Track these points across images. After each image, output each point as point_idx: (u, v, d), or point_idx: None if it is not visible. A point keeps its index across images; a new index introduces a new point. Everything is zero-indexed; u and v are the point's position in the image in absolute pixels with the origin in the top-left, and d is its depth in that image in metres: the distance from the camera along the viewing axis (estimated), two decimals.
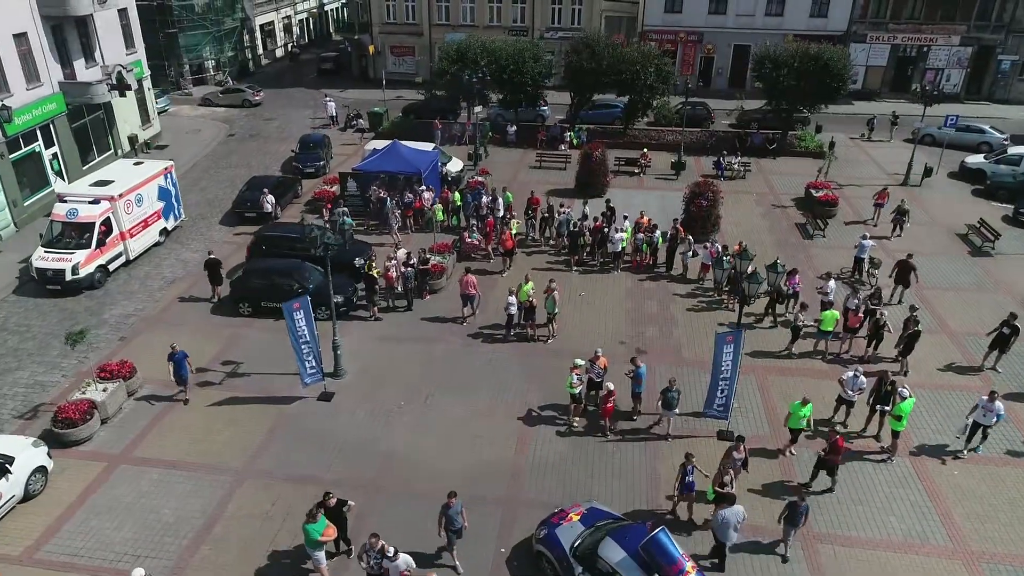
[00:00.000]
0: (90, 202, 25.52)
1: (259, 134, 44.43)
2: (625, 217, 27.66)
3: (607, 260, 27.06)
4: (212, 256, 24.68)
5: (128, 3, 38.38)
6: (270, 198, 30.00)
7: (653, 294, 25.29)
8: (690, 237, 26.10)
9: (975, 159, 36.72)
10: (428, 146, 34.76)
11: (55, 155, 32.80)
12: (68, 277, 24.56)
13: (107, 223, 25.66)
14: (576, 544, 13.76)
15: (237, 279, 23.89)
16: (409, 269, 23.86)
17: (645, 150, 37.62)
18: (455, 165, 35.16)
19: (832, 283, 22.54)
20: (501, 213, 28.33)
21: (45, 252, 25.02)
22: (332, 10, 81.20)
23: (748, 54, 51.31)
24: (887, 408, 17.45)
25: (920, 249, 27.09)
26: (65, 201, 25.75)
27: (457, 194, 30.15)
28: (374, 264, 24.29)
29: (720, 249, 25.08)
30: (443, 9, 54.78)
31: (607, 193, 33.85)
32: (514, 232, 27.56)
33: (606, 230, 26.72)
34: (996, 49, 50.34)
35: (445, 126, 41.88)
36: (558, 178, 36.31)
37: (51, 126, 32.32)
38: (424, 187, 29.89)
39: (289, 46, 70.31)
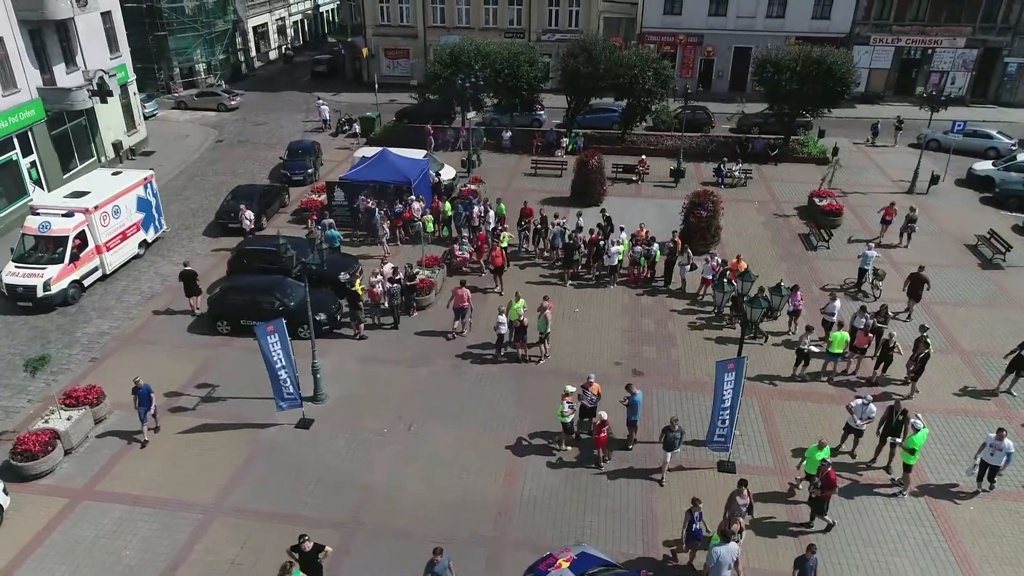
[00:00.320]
0: (63, 215, 24.46)
1: (248, 140, 43.39)
2: (622, 229, 26.60)
3: (603, 274, 26.01)
4: (188, 267, 23.85)
5: (112, 6, 37.37)
6: (248, 213, 28.50)
7: (651, 310, 24.23)
8: (689, 250, 25.03)
9: (983, 166, 35.67)
10: (419, 153, 33.76)
11: (33, 163, 31.76)
12: (40, 293, 23.51)
13: (82, 236, 24.61)
14: None
15: (215, 296, 22.85)
16: (395, 285, 22.80)
17: (643, 156, 36.59)
18: (447, 173, 34.12)
19: (837, 303, 21.53)
20: (492, 225, 27.26)
21: (16, 267, 23.98)
22: (328, 11, 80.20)
23: (749, 57, 50.40)
24: (899, 440, 16.38)
25: (928, 261, 25.97)
26: (38, 214, 24.69)
27: (448, 204, 29.10)
28: (359, 280, 23.27)
29: (719, 263, 24.08)
30: (438, 11, 53.72)
31: (604, 202, 32.86)
32: (504, 245, 26.52)
33: (602, 243, 25.64)
34: (1002, 51, 49.28)
35: (438, 131, 40.84)
36: (554, 186, 35.28)
37: (29, 133, 31.27)
38: (414, 197, 28.84)
39: (283, 48, 69.29)
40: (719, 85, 52.61)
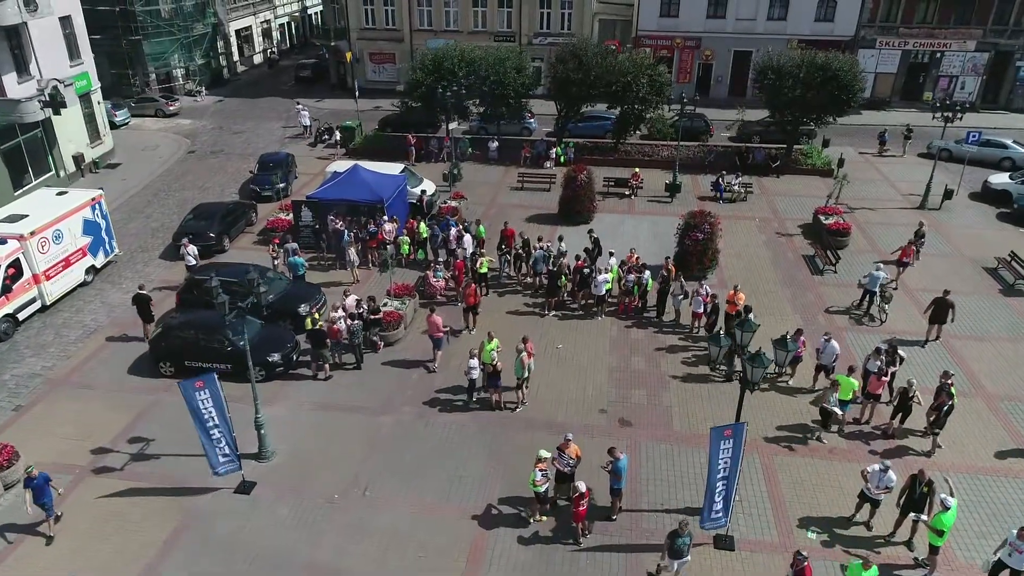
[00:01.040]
0: None
1: (222, 150, 41.17)
2: (611, 254, 24.39)
3: (590, 303, 23.80)
4: (142, 291, 21.99)
5: (72, 10, 35.17)
6: (191, 249, 25.06)
7: (641, 346, 22.00)
8: (682, 278, 22.77)
9: (999, 179, 33.43)
10: (396, 168, 31.53)
11: None
12: None
13: (16, 265, 22.39)
14: None
15: (157, 335, 20.61)
16: (356, 322, 20.56)
17: (637, 170, 34.36)
18: (426, 188, 31.85)
19: (834, 344, 19.17)
20: (470, 251, 25.04)
21: None
22: (316, 14, 77.91)
23: (749, 60, 48.20)
24: (924, 518, 14.14)
25: (942, 287, 23.78)
26: None
27: (423, 225, 26.86)
28: (319, 314, 21.05)
29: (710, 295, 21.86)
30: (425, 14, 51.49)
31: (593, 219, 30.66)
32: (484, 271, 24.33)
33: (588, 270, 23.41)
34: (1014, 55, 47.00)
35: (421, 141, 38.62)
36: (541, 201, 33.06)
37: None
38: (387, 218, 26.61)
39: (268, 52, 67.07)
40: (718, 90, 50.36)
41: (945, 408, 17.18)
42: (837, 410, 17.50)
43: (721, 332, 18.16)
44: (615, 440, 17.82)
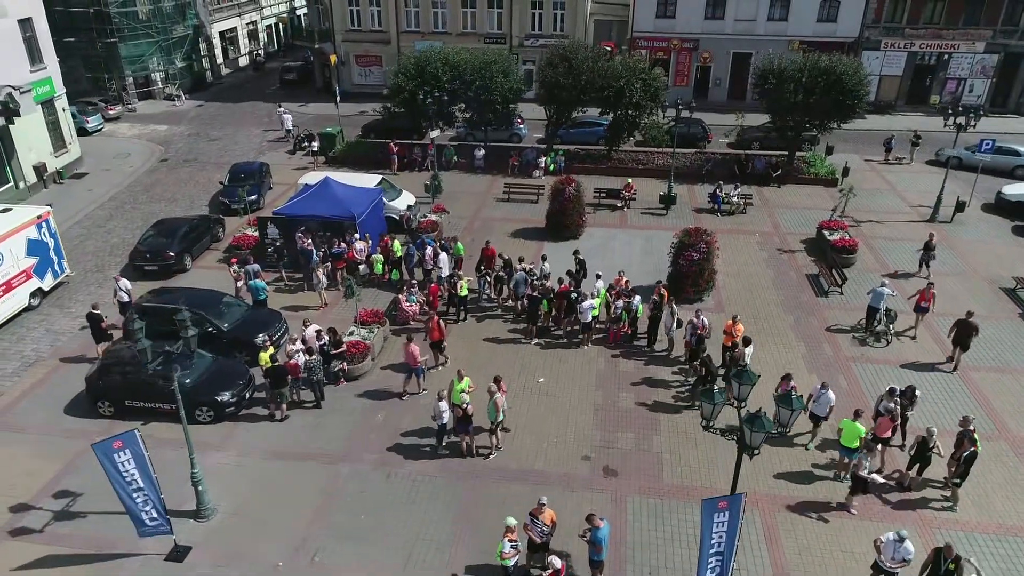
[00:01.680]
0: None
1: (196, 158, 39.26)
2: (598, 276, 22.48)
3: (575, 329, 21.89)
4: (96, 311, 20.53)
5: (33, 12, 33.28)
6: (123, 283, 22.11)
7: (630, 380, 20.07)
8: (674, 304, 20.85)
9: (1015, 189, 31.54)
10: (372, 180, 29.61)
11: None
12: None
13: None
14: None
15: (93, 372, 18.67)
16: (316, 357, 18.65)
17: (630, 180, 32.43)
18: (405, 200, 29.92)
19: (830, 394, 16.90)
20: (445, 272, 23.16)
21: None
22: (304, 15, 75.93)
23: (749, 63, 46.28)
24: None
25: (956, 309, 21.94)
26: None
27: (397, 243, 24.95)
28: (275, 347, 19.13)
29: (704, 323, 19.96)
30: (412, 15, 49.57)
31: (583, 234, 28.83)
32: (463, 293, 22.44)
33: (574, 295, 21.50)
34: None
35: (403, 149, 36.70)
36: (528, 213, 31.15)
37: None
38: (358, 236, 24.72)
39: (254, 54, 65.17)
40: (716, 94, 48.46)
41: (967, 455, 15.30)
42: (877, 477, 15.37)
43: (716, 383, 15.70)
44: (598, 494, 16.00)
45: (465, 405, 16.52)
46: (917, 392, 17.23)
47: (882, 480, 15.43)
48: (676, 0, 46.22)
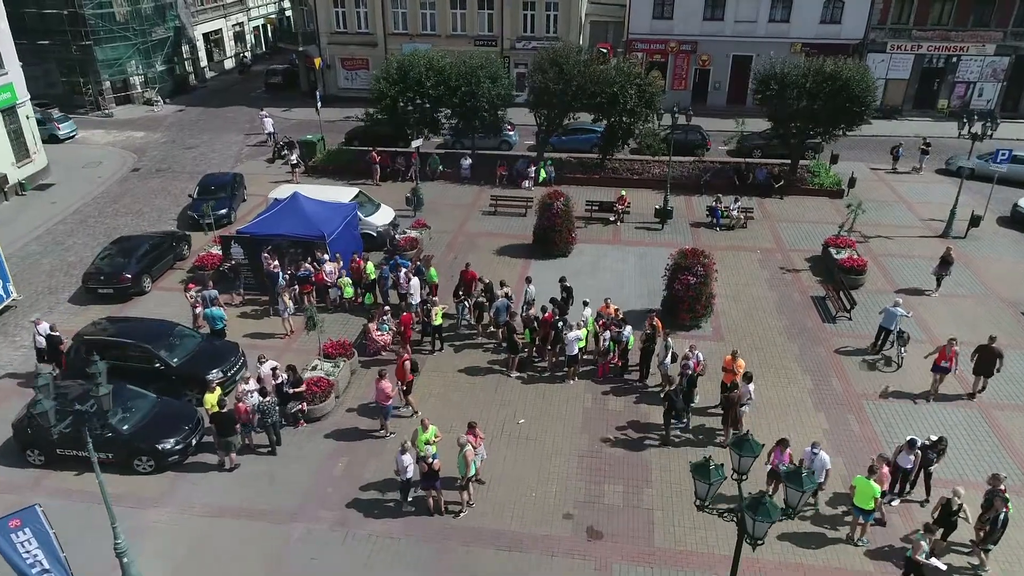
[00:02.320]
0: None
1: (170, 168, 37.42)
2: (585, 303, 20.64)
3: (560, 360, 20.05)
4: (54, 333, 19.33)
5: None
6: (43, 327, 19.42)
7: (619, 421, 18.22)
8: (669, 339, 18.99)
9: None
10: (349, 192, 27.78)
11: None
12: None
13: None
14: None
15: (21, 418, 16.79)
16: (270, 399, 16.80)
17: (623, 193, 30.58)
18: (383, 216, 28.06)
19: (823, 457, 14.62)
20: (417, 299, 21.32)
21: None
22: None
23: (749, 66, 44.50)
24: None
25: (973, 335, 20.20)
26: None
27: (371, 265, 23.11)
28: (221, 388, 17.23)
29: (701, 360, 18.17)
30: (400, 16, 47.70)
31: (572, 251, 27.04)
32: (438, 322, 20.60)
33: (560, 324, 19.67)
34: None
35: (386, 158, 34.84)
36: (516, 228, 29.32)
37: None
38: (328, 257, 22.89)
39: (241, 56, 63.33)
40: (716, 98, 46.60)
41: (999, 517, 13.48)
42: (939, 564, 13.20)
43: (712, 464, 13.34)
44: (581, 560, 14.20)
45: (431, 459, 14.67)
46: (946, 444, 15.27)
47: (944, 567, 13.28)
48: (673, 1, 44.33)
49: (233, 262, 23.41)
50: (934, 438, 15.38)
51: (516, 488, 16.05)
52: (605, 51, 51.23)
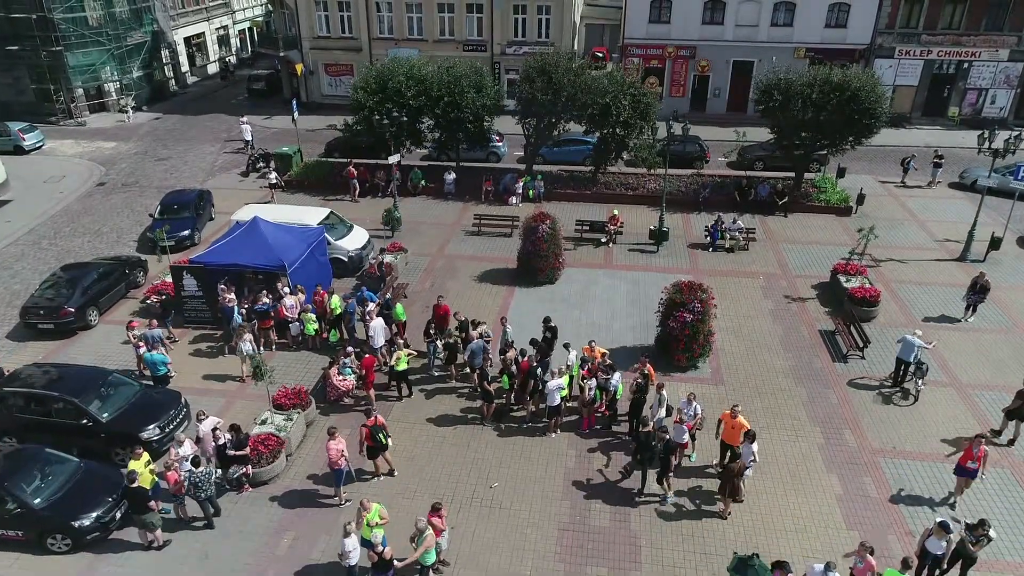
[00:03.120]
0: None
1: (137, 182, 35.32)
2: (567, 346, 18.52)
3: (540, 410, 17.94)
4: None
5: None
6: None
7: (606, 485, 16.13)
8: (663, 392, 16.88)
9: None
10: (318, 214, 25.67)
11: None
12: None
13: None
14: None
15: None
16: (202, 470, 14.65)
17: (616, 212, 28.49)
18: (355, 239, 25.95)
19: (817, 568, 11.96)
20: (380, 343, 19.21)
21: None
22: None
23: (751, 72, 42.45)
24: None
25: (999, 376, 18.28)
26: None
27: (336, 299, 20.99)
28: (136, 459, 14.83)
29: (699, 415, 16.15)
30: (385, 20, 45.60)
31: (560, 277, 24.94)
32: (403, 367, 18.47)
33: (540, 371, 17.59)
34: None
35: (365, 172, 32.76)
36: (500, 250, 27.21)
37: None
38: (288, 289, 20.81)
39: (226, 61, 61.24)
40: (715, 105, 44.49)
41: None
42: None
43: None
44: None
45: (379, 546, 12.57)
46: (991, 530, 13.04)
47: None
48: (671, 4, 42.22)
49: (164, 297, 21.36)
50: (972, 521, 13.26)
51: (486, 570, 13.95)
52: (601, 55, 49.28)
